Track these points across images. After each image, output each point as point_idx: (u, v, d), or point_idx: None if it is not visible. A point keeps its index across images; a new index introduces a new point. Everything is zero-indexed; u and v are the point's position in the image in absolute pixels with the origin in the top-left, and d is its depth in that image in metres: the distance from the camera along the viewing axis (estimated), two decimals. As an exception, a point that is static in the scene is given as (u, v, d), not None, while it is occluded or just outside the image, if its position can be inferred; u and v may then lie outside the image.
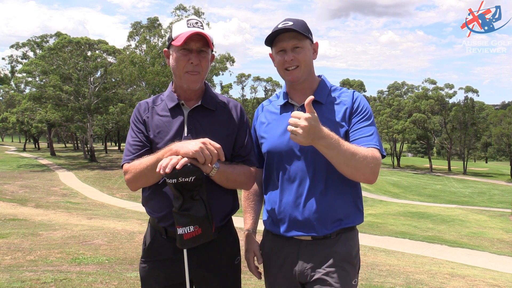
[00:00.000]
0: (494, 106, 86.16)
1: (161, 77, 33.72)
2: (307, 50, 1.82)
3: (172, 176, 1.53)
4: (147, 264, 1.83)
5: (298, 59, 1.79)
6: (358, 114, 1.80)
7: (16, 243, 6.97)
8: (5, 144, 74.23)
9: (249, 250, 2.00)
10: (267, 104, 2.05)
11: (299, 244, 1.81)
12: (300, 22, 1.81)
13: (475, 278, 6.59)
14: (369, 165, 1.65)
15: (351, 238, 1.82)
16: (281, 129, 1.86)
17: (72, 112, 37.24)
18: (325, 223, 1.76)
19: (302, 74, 1.82)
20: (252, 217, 2.04)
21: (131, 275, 4.86)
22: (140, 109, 1.86)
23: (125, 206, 18.54)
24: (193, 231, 1.58)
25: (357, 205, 1.84)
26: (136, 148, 1.78)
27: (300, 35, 1.78)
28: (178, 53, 1.74)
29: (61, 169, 33.63)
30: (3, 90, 51.39)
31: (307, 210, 1.77)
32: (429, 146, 62.36)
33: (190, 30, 1.72)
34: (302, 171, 1.79)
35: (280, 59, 1.83)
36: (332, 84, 1.94)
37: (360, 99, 1.84)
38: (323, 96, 1.86)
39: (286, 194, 1.82)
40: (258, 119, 2.03)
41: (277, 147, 1.85)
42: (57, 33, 43.66)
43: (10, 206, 14.68)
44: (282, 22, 1.81)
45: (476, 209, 25.14)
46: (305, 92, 1.87)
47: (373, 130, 1.77)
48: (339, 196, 1.78)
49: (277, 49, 1.83)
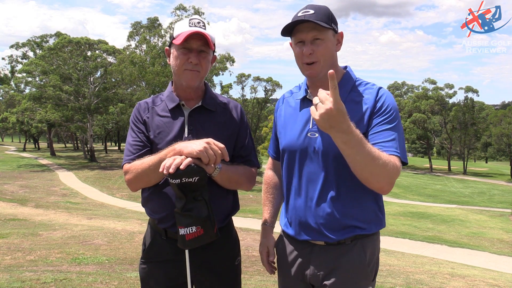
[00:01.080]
0: (494, 106, 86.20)
1: (161, 77, 33.70)
2: (328, 42, 1.64)
3: (176, 176, 1.51)
4: (147, 265, 1.82)
5: (317, 53, 1.63)
6: (381, 115, 1.61)
7: (16, 243, 6.97)
8: (5, 144, 74.20)
9: (262, 244, 1.93)
10: (288, 96, 1.91)
11: (312, 248, 1.72)
12: (322, 10, 1.63)
13: (475, 278, 6.58)
14: (388, 173, 1.49)
15: (368, 245, 1.69)
16: (297, 127, 1.74)
17: (72, 112, 37.23)
18: (336, 229, 1.66)
19: (321, 69, 1.66)
20: (269, 211, 1.95)
21: (131, 275, 4.86)
22: (140, 109, 1.84)
23: (125, 206, 18.54)
24: (195, 231, 1.57)
25: (375, 211, 1.71)
26: (137, 148, 1.77)
27: (321, 26, 1.60)
28: (178, 51, 1.74)
29: (61, 169, 33.63)
30: (3, 90, 51.38)
31: (317, 215, 1.67)
32: (429, 146, 62.35)
33: (191, 29, 1.71)
34: (315, 173, 1.68)
35: (298, 51, 1.67)
36: (357, 78, 1.76)
37: (385, 97, 1.65)
38: (343, 93, 1.67)
39: (298, 196, 1.73)
40: (278, 111, 1.91)
41: (293, 146, 1.74)
42: (57, 33, 43.68)
43: (10, 206, 14.69)
44: (302, 9, 1.64)
45: (476, 209, 25.14)
46: (325, 87, 1.68)
47: (395, 135, 1.59)
48: (354, 202, 1.66)
49: (296, 40, 1.67)
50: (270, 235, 1.93)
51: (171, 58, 1.80)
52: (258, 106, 56.30)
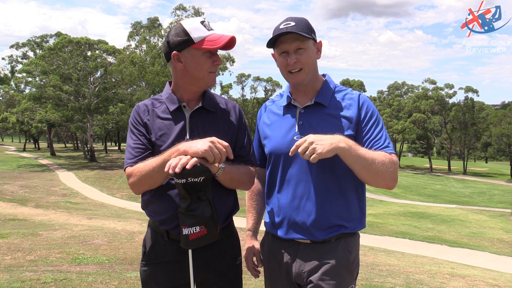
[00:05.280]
0: (494, 106, 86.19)
1: (161, 77, 33.72)
2: (310, 51, 1.77)
3: (182, 176, 1.51)
4: (148, 267, 1.82)
5: (301, 61, 1.74)
6: (368, 121, 1.77)
7: (16, 243, 6.97)
8: (5, 144, 74.23)
9: (248, 250, 2.00)
10: (270, 104, 2.01)
11: (297, 246, 1.79)
12: (302, 22, 1.75)
13: (475, 278, 6.59)
14: (389, 169, 1.66)
15: (351, 243, 1.78)
16: (283, 130, 1.84)
17: (72, 112, 37.23)
18: (322, 228, 1.73)
19: (306, 76, 1.78)
20: (254, 217, 2.03)
21: (131, 275, 4.86)
22: (139, 111, 1.82)
23: (125, 206, 18.55)
24: (199, 231, 1.58)
25: (359, 211, 1.80)
26: (139, 150, 1.75)
27: (303, 36, 1.72)
28: (204, 55, 1.72)
29: (61, 169, 33.63)
30: (3, 90, 51.36)
31: (305, 214, 1.74)
32: (429, 146, 62.37)
33: (220, 34, 1.72)
34: (301, 174, 1.76)
35: (283, 61, 1.78)
36: (336, 84, 1.89)
37: (366, 104, 1.80)
38: (326, 98, 1.81)
39: (285, 196, 1.80)
40: (261, 119, 2.00)
41: (279, 149, 1.83)
42: (57, 33, 43.70)
43: (10, 206, 14.69)
44: (283, 22, 1.76)
45: (476, 209, 25.15)
46: (308, 93, 1.84)
47: (384, 133, 1.76)
48: (339, 201, 1.75)
49: (279, 51, 1.78)
50: (255, 241, 2.01)
51: (188, 61, 1.73)
52: (258, 106, 56.33)
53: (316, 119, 1.79)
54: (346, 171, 1.72)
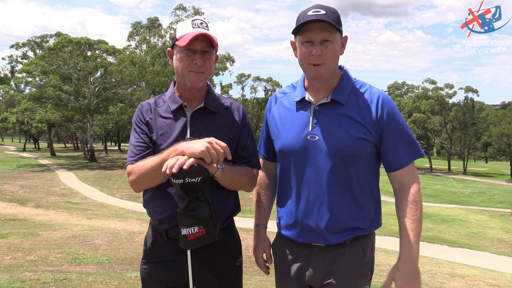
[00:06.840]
0: (494, 106, 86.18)
1: (161, 77, 33.73)
2: (336, 45, 1.61)
3: (179, 176, 1.51)
4: (148, 266, 1.82)
5: (325, 55, 1.59)
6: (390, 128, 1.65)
7: (16, 243, 6.97)
8: (5, 144, 74.22)
9: (258, 246, 1.93)
10: (281, 96, 1.86)
11: (311, 249, 1.72)
12: (332, 12, 1.59)
13: (475, 278, 6.59)
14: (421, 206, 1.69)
15: (366, 245, 1.72)
16: (295, 128, 1.71)
17: (72, 112, 37.24)
18: (337, 232, 1.66)
19: (327, 72, 1.63)
20: (263, 212, 1.95)
21: (131, 275, 4.86)
22: (142, 110, 1.84)
23: (125, 206, 18.55)
24: (197, 231, 1.57)
25: (374, 212, 1.73)
26: (140, 149, 1.77)
27: (332, 27, 1.56)
28: (182, 53, 1.73)
29: (61, 169, 33.63)
30: (3, 90, 51.38)
31: (319, 218, 1.66)
32: (429, 146, 62.35)
33: (195, 30, 1.70)
34: (315, 176, 1.66)
35: (305, 51, 1.61)
36: (355, 79, 1.74)
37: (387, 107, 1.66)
38: (343, 96, 1.67)
39: (298, 200, 1.71)
40: (271, 111, 1.86)
41: (291, 148, 1.71)
42: (57, 33, 43.71)
43: (10, 206, 14.69)
44: (312, 9, 1.59)
45: (476, 209, 25.14)
46: (325, 89, 1.70)
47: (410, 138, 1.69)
48: (355, 204, 1.67)
49: (304, 39, 1.61)
50: (265, 236, 1.94)
51: (174, 59, 1.79)
52: (258, 106, 56.31)
53: (331, 119, 1.66)
54: (360, 173, 1.66)
